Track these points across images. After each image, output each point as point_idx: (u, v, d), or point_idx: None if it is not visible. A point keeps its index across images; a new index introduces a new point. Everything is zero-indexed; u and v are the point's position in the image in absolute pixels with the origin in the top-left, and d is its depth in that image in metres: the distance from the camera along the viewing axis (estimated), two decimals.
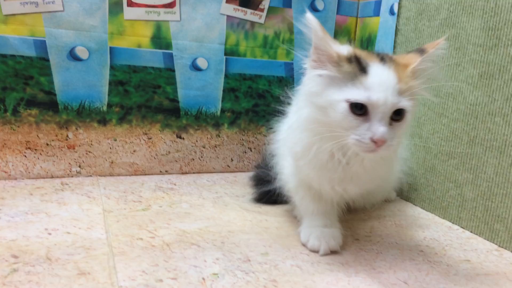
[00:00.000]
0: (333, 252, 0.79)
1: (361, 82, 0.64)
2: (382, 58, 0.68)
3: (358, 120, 0.65)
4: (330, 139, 0.68)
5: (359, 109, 0.64)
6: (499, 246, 0.87)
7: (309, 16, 0.68)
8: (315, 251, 0.79)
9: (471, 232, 0.93)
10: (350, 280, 0.70)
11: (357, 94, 0.64)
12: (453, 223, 0.98)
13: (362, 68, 0.65)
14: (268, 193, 1.01)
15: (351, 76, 0.65)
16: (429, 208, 1.07)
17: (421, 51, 0.72)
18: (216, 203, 1.01)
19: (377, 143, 0.64)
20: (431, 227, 0.96)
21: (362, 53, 0.68)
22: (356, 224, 0.95)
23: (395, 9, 1.16)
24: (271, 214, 0.97)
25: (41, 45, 1.05)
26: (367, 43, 1.30)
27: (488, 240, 0.89)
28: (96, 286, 0.62)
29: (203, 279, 0.67)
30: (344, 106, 0.64)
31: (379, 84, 0.64)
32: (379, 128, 0.64)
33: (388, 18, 1.20)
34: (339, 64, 0.66)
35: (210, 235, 0.83)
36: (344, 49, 0.69)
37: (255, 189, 1.05)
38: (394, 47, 1.18)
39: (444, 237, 0.90)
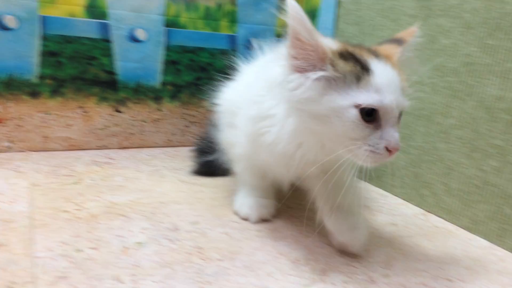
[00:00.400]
0: (264, 221, 0.79)
1: (368, 83, 0.55)
2: (374, 53, 0.60)
3: (369, 127, 0.56)
4: (326, 150, 0.61)
5: (369, 115, 0.55)
6: (426, 210, 0.89)
7: (292, 2, 0.56)
8: (246, 220, 0.79)
9: (402, 199, 0.96)
10: (276, 244, 0.71)
11: (368, 98, 0.55)
12: (386, 191, 1.00)
13: (364, 67, 0.56)
14: (207, 164, 1.00)
15: (353, 76, 0.55)
16: (363, 178, 1.09)
17: (397, 41, 0.66)
18: (153, 176, 0.99)
19: (392, 151, 0.56)
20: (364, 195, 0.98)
21: (351, 48, 0.60)
22: (291, 193, 0.95)
23: None
24: (208, 185, 0.96)
25: None
26: (311, 16, 1.29)
27: (416, 205, 0.92)
28: (9, 257, 0.60)
29: (126, 248, 0.65)
30: (354, 113, 0.55)
31: (388, 84, 0.56)
32: (394, 135, 0.56)
33: None
34: (334, 62, 0.56)
35: (140, 206, 0.81)
36: (331, 43, 0.59)
37: (195, 160, 1.04)
38: (336, 20, 1.18)
39: (376, 204, 0.92)
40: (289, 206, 0.87)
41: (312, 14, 1.28)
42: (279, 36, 1.33)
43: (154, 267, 0.60)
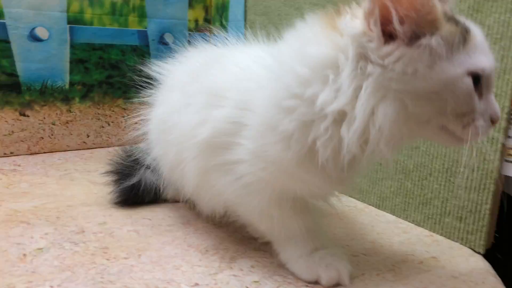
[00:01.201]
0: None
1: (472, 45, 0.46)
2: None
3: (477, 97, 0.47)
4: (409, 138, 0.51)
5: (476, 82, 0.46)
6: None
7: None
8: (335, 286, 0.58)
9: None
10: (187, 237, 0.70)
11: (479, 62, 0.46)
12: None
13: (465, 28, 0.47)
14: (131, 188, 0.81)
15: (460, 39, 0.46)
16: None
17: None
18: (62, 180, 0.95)
19: (495, 122, 0.48)
20: None
21: None
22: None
23: None
24: None
25: None
26: (222, 9, 1.29)
27: None
28: None
29: (24, 255, 0.62)
30: (468, 82, 0.46)
31: (486, 44, 0.48)
32: (496, 103, 0.49)
33: None
34: (439, 25, 0.45)
35: (45, 211, 0.77)
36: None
37: (115, 187, 0.82)
38: (245, 11, 1.19)
39: None
40: None
41: (224, 6, 1.28)
42: (192, 30, 1.32)
43: (53, 272, 0.58)
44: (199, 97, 0.61)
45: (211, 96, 0.58)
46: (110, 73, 1.22)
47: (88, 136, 1.22)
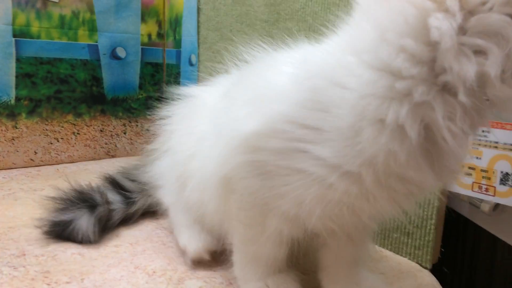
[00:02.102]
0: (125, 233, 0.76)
1: None
2: None
3: None
4: None
5: None
6: None
7: None
8: None
9: None
10: (134, 258, 0.68)
11: None
12: None
13: None
14: (67, 224, 0.71)
15: None
16: None
17: None
18: (5, 199, 0.91)
19: None
20: None
21: None
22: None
23: None
24: None
25: None
26: (175, 23, 1.28)
27: None
28: None
29: None
30: None
31: None
32: None
33: None
34: None
35: None
36: None
37: (52, 216, 0.73)
38: (198, 26, 1.19)
39: None
40: (156, 217, 0.85)
41: (177, 21, 1.27)
42: (145, 44, 1.31)
43: None
44: (243, 96, 0.52)
45: (260, 91, 0.50)
46: (59, 88, 1.18)
47: (35, 153, 1.17)
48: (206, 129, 0.60)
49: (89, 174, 1.12)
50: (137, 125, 1.34)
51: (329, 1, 0.82)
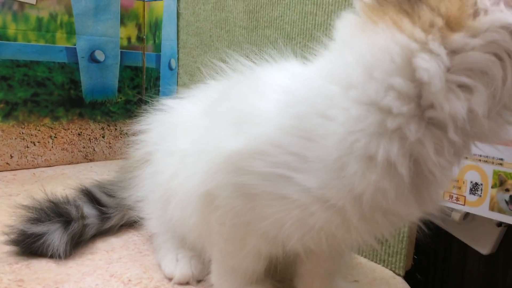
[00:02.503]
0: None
1: None
2: None
3: None
4: None
5: None
6: None
7: None
8: None
9: None
10: (110, 266, 0.68)
11: None
12: None
13: None
14: (38, 238, 0.68)
15: None
16: None
17: None
18: None
19: None
20: None
21: None
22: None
23: None
24: None
25: None
26: (155, 27, 1.28)
27: None
28: None
29: None
30: None
31: None
32: None
33: (170, 2, 1.20)
34: None
35: None
36: None
37: (22, 227, 0.70)
38: (178, 31, 1.19)
39: None
40: (130, 224, 0.84)
41: (157, 25, 1.27)
42: (124, 48, 1.30)
43: None
44: (226, 117, 0.51)
45: (244, 115, 0.49)
46: (36, 91, 1.17)
47: (11, 156, 1.15)
48: (187, 148, 0.59)
49: (66, 179, 1.11)
50: (115, 129, 1.33)
51: (307, 10, 0.83)
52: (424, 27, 0.39)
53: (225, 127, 0.50)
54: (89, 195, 0.79)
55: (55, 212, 0.72)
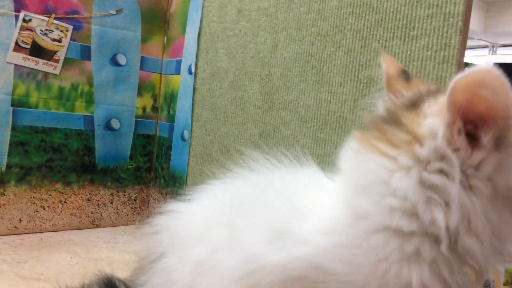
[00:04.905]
0: None
1: None
2: None
3: None
4: None
5: None
6: None
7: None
8: None
9: None
10: None
11: None
12: None
13: None
14: None
15: None
16: None
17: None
18: None
19: None
20: None
21: None
22: None
23: (193, 69, 1.22)
24: (52, 280, 0.89)
25: None
26: (170, 99, 1.33)
27: None
28: None
29: None
30: None
31: None
32: None
33: (187, 77, 1.26)
34: None
35: None
36: None
37: None
38: (193, 104, 1.23)
39: None
40: None
41: (172, 97, 1.32)
42: (139, 117, 1.34)
43: None
44: (257, 233, 0.49)
45: (283, 233, 0.47)
46: (51, 157, 1.20)
47: (20, 220, 1.16)
48: (203, 259, 0.55)
49: (73, 246, 1.11)
50: (124, 195, 1.35)
51: (321, 97, 0.87)
52: (396, 144, 0.42)
53: (258, 238, 0.48)
54: (109, 286, 0.72)
55: None
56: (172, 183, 1.30)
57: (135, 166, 1.36)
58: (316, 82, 0.89)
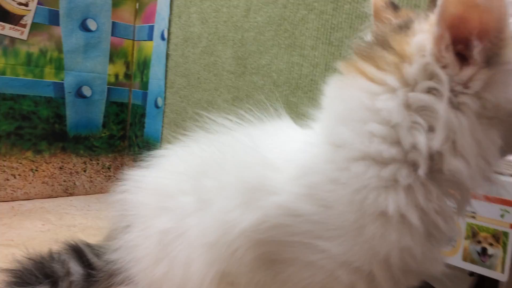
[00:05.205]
0: None
1: None
2: None
3: None
4: None
5: None
6: None
7: None
8: None
9: None
10: None
11: None
12: None
13: None
14: None
15: None
16: None
17: None
18: None
19: None
20: None
21: None
22: None
23: (166, 35, 1.20)
24: (23, 246, 0.88)
25: None
26: (143, 65, 1.31)
27: None
28: None
29: None
30: None
31: None
32: None
33: (160, 43, 1.23)
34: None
35: None
36: None
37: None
38: (166, 71, 1.22)
39: None
40: None
41: (145, 64, 1.30)
42: (111, 84, 1.32)
43: None
44: (229, 191, 0.47)
45: (255, 186, 0.45)
46: (21, 124, 1.17)
47: None
48: (169, 228, 0.53)
49: (45, 213, 1.10)
50: (98, 163, 1.33)
51: (293, 61, 0.87)
52: (383, 67, 0.41)
53: (231, 203, 0.46)
54: (77, 252, 0.72)
55: (42, 273, 0.65)
56: (147, 150, 1.29)
57: (108, 134, 1.34)
58: (288, 46, 0.88)
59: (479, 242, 0.65)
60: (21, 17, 1.13)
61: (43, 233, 0.97)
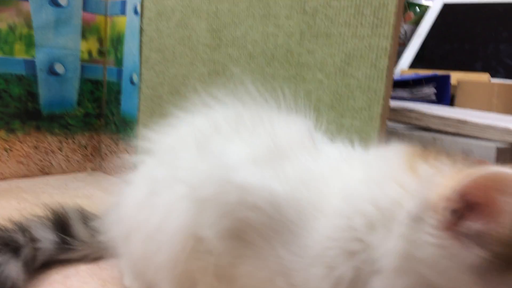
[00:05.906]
0: None
1: None
2: None
3: None
4: None
5: None
6: None
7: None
8: None
9: None
10: (67, 281, 0.67)
11: None
12: None
13: None
14: None
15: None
16: None
17: None
18: None
19: None
20: None
21: None
22: None
23: (139, 9, 1.18)
24: None
25: None
26: (117, 41, 1.28)
27: None
28: None
29: None
30: None
31: None
32: None
33: (133, 18, 1.21)
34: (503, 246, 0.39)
35: None
36: None
37: None
38: (140, 46, 1.19)
39: None
40: None
41: (119, 40, 1.27)
42: (85, 61, 1.29)
43: None
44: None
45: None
46: None
47: None
48: (158, 175, 0.56)
49: (22, 193, 1.09)
50: (74, 142, 1.31)
51: (268, 31, 0.86)
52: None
53: (241, 160, 0.49)
54: (58, 219, 0.72)
55: (14, 245, 0.65)
56: (123, 128, 1.28)
57: (83, 112, 1.32)
58: (263, 16, 0.87)
59: None
60: None
61: (19, 211, 0.95)
